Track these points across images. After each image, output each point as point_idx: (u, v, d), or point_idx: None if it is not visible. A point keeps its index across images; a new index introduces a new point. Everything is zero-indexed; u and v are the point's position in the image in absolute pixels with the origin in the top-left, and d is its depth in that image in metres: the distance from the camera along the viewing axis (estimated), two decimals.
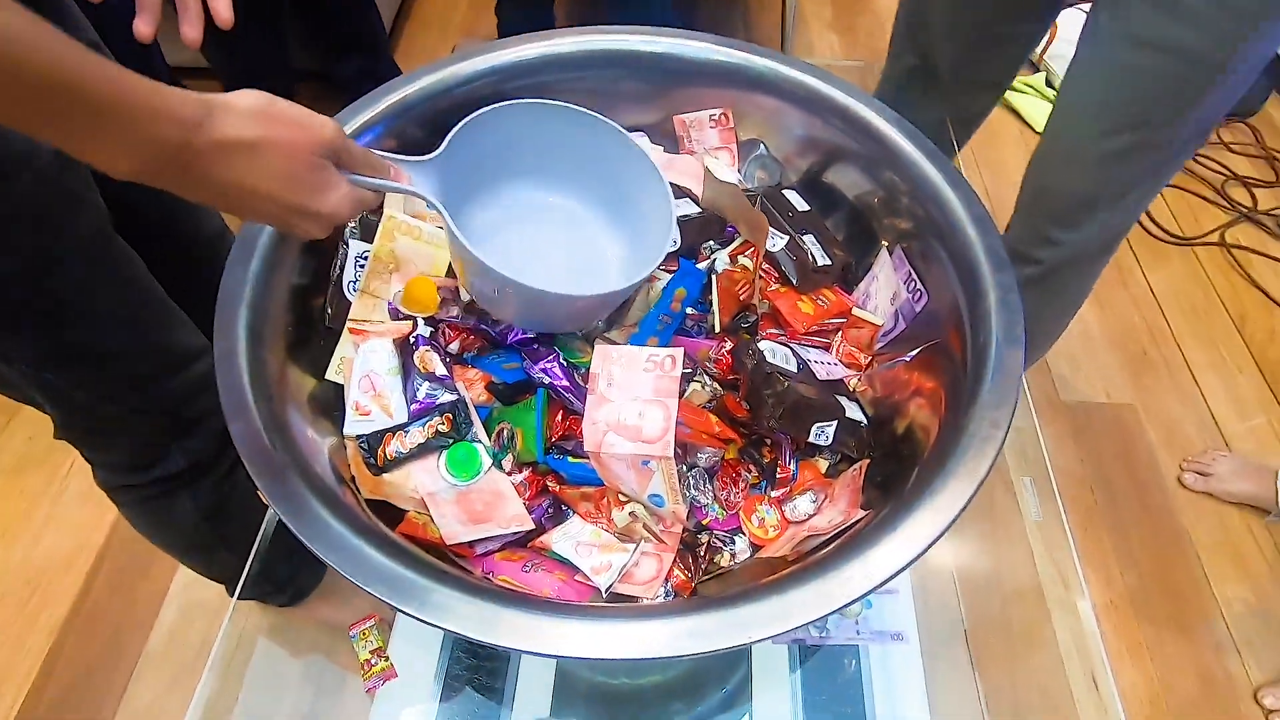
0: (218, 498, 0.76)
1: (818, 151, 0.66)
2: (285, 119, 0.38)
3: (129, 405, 0.64)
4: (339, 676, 0.86)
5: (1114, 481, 1.24)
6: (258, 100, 0.38)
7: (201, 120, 0.35)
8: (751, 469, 0.55)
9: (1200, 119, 0.74)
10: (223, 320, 0.47)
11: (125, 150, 0.34)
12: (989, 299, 0.49)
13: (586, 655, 0.36)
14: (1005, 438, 0.42)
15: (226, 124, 0.36)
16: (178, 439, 0.70)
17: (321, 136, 0.40)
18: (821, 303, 0.60)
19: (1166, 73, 0.70)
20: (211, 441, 0.72)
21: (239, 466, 0.77)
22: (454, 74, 0.63)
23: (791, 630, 0.36)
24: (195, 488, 0.74)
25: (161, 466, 0.70)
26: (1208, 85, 0.71)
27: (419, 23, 2.02)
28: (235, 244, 0.51)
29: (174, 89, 0.35)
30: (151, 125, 0.34)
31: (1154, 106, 0.74)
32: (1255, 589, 1.13)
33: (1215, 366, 1.37)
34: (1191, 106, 0.73)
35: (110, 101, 0.32)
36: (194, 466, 0.72)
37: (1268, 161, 1.67)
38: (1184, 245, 1.55)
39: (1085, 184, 0.82)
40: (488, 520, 0.48)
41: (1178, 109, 0.73)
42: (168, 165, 0.35)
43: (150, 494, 0.72)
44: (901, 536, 0.39)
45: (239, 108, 0.37)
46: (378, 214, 0.59)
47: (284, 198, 0.39)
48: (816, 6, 2.08)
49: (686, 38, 0.65)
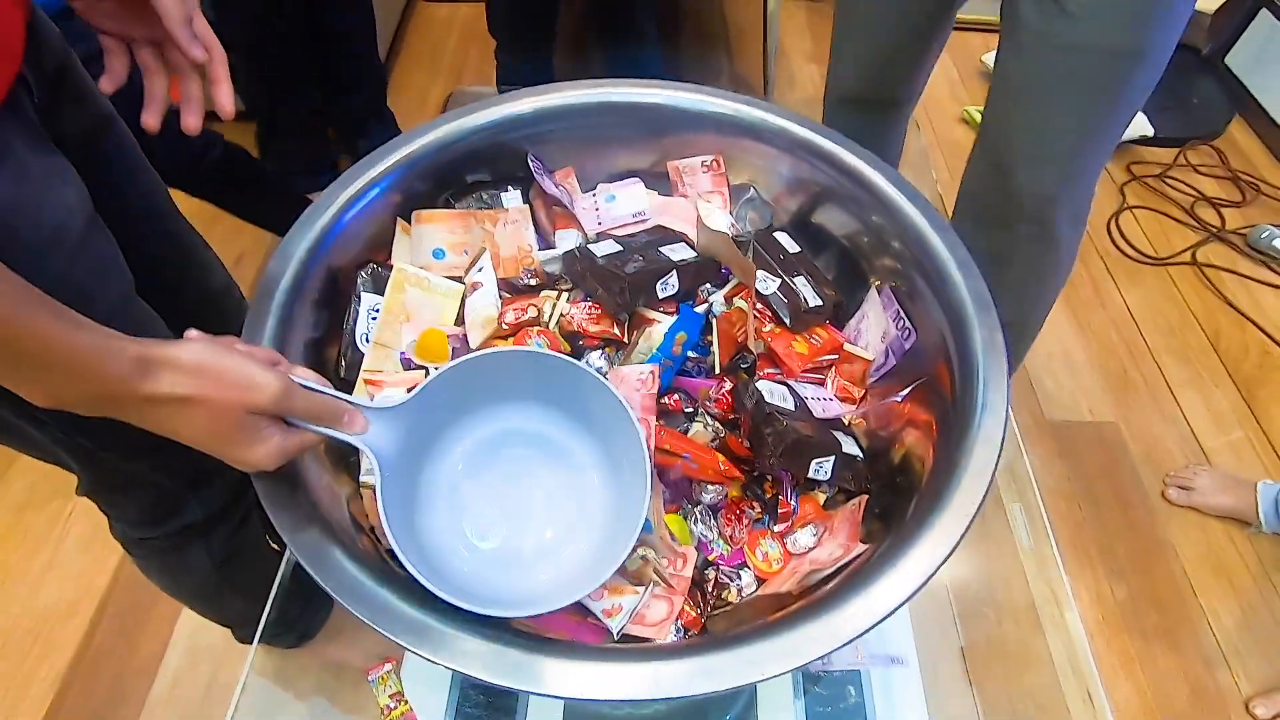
0: (231, 546, 0.77)
1: (806, 194, 0.69)
2: (225, 379, 0.38)
3: (152, 462, 0.66)
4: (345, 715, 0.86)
5: (1100, 498, 1.27)
6: (202, 356, 0.38)
7: (139, 376, 0.37)
8: (755, 505, 0.57)
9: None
10: None
11: (57, 395, 0.37)
12: (975, 339, 0.52)
13: (603, 697, 0.38)
14: (995, 472, 0.45)
15: (162, 380, 0.37)
16: (195, 491, 0.71)
17: (256, 401, 0.39)
18: (815, 341, 0.63)
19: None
20: (227, 492, 0.74)
21: (251, 514, 0.79)
22: (455, 129, 0.65)
23: (801, 666, 0.38)
24: (209, 537, 0.75)
25: (179, 518, 0.71)
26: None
27: (410, 60, 2.06)
28: (252, 304, 0.53)
29: (120, 339, 0.36)
30: (88, 379, 0.36)
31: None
32: (1241, 600, 1.16)
33: (1193, 383, 1.42)
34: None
35: (55, 356, 0.35)
36: (209, 517, 0.73)
37: (1233, 182, 1.74)
38: (1158, 265, 1.61)
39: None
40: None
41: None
42: (98, 408, 0.37)
43: (166, 545, 0.73)
44: (901, 571, 0.41)
45: (180, 363, 0.37)
46: (387, 268, 0.61)
47: (207, 447, 0.40)
48: (796, 40, 2.14)
49: (678, 89, 0.68)
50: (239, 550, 0.78)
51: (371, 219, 0.62)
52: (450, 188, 0.67)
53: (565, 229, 0.70)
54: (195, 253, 0.77)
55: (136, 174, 0.67)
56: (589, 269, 0.62)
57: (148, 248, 0.67)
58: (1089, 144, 0.82)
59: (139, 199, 0.68)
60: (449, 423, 0.52)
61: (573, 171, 0.72)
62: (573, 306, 0.64)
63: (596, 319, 0.63)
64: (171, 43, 0.52)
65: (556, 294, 0.65)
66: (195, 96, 0.54)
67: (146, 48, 0.54)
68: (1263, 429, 1.34)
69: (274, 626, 0.88)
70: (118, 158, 0.65)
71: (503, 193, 0.67)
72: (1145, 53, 0.73)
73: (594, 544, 0.50)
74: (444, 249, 0.65)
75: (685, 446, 0.55)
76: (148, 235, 0.68)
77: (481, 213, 0.65)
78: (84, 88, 0.59)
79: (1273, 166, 1.78)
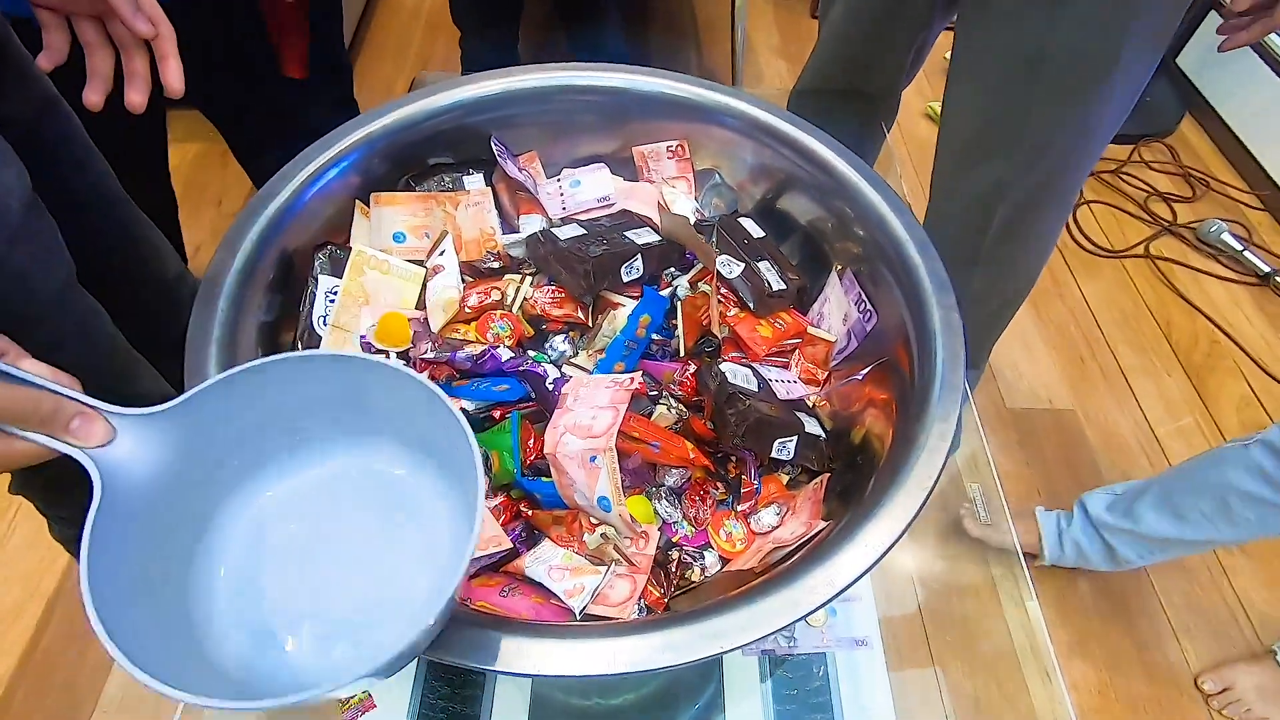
0: None
1: (770, 180, 0.69)
2: None
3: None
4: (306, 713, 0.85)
5: (1057, 484, 1.30)
6: None
7: None
8: (718, 486, 0.57)
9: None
10: (193, 362, 0.48)
11: None
12: (933, 319, 0.52)
13: (563, 673, 0.37)
14: (951, 448, 0.46)
15: None
16: None
17: None
18: (779, 325, 0.63)
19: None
20: None
21: None
22: (419, 110, 0.64)
23: (762, 638, 0.38)
24: None
25: None
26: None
27: (374, 51, 2.03)
28: (201, 285, 0.51)
29: None
30: None
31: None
32: (1190, 579, 1.20)
33: (1146, 370, 1.46)
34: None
35: None
36: None
37: (1184, 178, 1.79)
38: (1113, 258, 1.65)
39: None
40: None
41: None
42: None
43: None
44: (860, 544, 0.41)
45: None
46: (345, 249, 0.60)
47: None
48: (764, 35, 2.16)
49: (642, 74, 0.68)
50: None
51: (329, 201, 0.61)
52: (411, 170, 0.66)
53: (529, 214, 0.69)
54: (147, 241, 0.75)
55: (84, 160, 0.65)
56: (552, 252, 0.62)
57: (96, 235, 0.64)
58: (1061, 134, 0.80)
59: (86, 186, 0.65)
60: (240, 464, 0.39)
61: (537, 156, 0.72)
62: (536, 290, 0.63)
63: (560, 303, 0.62)
64: (115, 16, 0.50)
65: (520, 277, 0.64)
66: (141, 73, 0.52)
67: (88, 22, 0.52)
68: (1211, 415, 1.39)
69: None
70: (63, 143, 0.62)
71: (465, 176, 0.66)
72: (1120, 42, 0.70)
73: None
74: (404, 232, 0.64)
75: (654, 434, 0.55)
76: (96, 223, 0.66)
77: (443, 195, 0.64)
78: (24, 67, 0.57)
79: (1221, 163, 1.84)
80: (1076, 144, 0.80)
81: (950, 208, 0.90)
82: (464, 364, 0.55)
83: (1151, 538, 1.01)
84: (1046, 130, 0.78)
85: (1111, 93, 0.75)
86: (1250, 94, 1.76)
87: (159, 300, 0.75)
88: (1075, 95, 0.75)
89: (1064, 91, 0.75)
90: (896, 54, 0.95)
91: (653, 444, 0.54)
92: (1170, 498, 0.98)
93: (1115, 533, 1.04)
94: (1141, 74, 0.76)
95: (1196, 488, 0.96)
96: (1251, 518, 0.92)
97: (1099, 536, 1.06)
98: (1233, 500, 0.92)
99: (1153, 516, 0.99)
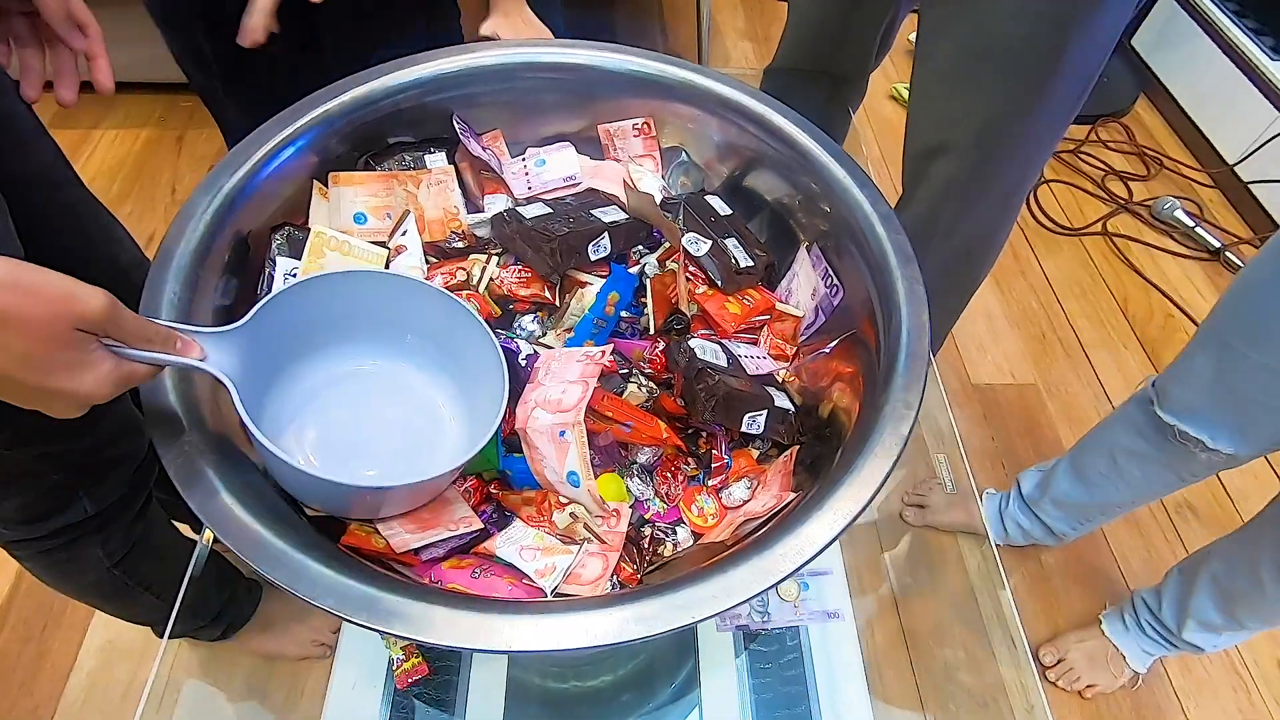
0: (129, 542, 0.72)
1: (737, 157, 0.69)
2: (44, 293, 0.33)
3: (36, 451, 0.59)
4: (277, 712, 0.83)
5: (1020, 456, 1.33)
6: (15, 270, 0.33)
7: None
8: (690, 461, 0.57)
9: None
10: None
11: None
12: (898, 291, 0.53)
13: (535, 649, 0.37)
14: (917, 416, 0.46)
15: None
16: (85, 487, 0.65)
17: (79, 312, 0.34)
18: (747, 302, 0.63)
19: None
20: (121, 486, 0.68)
21: (149, 506, 0.74)
22: (377, 87, 0.63)
23: (732, 607, 0.38)
24: (104, 534, 0.69)
25: (63, 516, 0.64)
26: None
27: None
28: (151, 268, 0.50)
29: None
30: None
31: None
32: (1147, 543, 1.24)
33: (1105, 344, 1.50)
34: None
35: None
36: (101, 514, 0.67)
37: (1139, 157, 1.84)
38: (1072, 235, 1.69)
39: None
40: (436, 525, 0.49)
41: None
42: None
43: (51, 545, 0.66)
44: (828, 513, 0.42)
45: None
46: (304, 230, 0.58)
47: (25, 378, 0.34)
48: (730, 16, 2.15)
49: (607, 50, 0.67)
50: (141, 543, 0.73)
51: (285, 181, 0.59)
52: (371, 149, 0.64)
53: (494, 194, 0.68)
54: (99, 226, 0.72)
55: (30, 141, 0.62)
56: (518, 232, 0.61)
57: (45, 219, 0.62)
58: (1015, 122, 0.80)
59: (34, 168, 0.63)
60: (295, 354, 0.51)
61: (501, 135, 0.70)
62: (503, 270, 0.62)
63: (527, 282, 0.62)
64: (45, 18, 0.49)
65: (486, 257, 0.63)
66: (69, 71, 0.52)
67: (19, 17, 0.51)
68: None
69: (195, 619, 0.84)
70: (8, 125, 0.60)
71: (427, 154, 0.65)
72: (1069, 32, 0.71)
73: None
74: (365, 213, 0.62)
75: (628, 414, 0.54)
76: (44, 206, 0.63)
77: (404, 174, 0.63)
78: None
79: (1174, 142, 1.89)
80: (1029, 131, 0.82)
81: (913, 191, 0.91)
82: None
83: (1067, 504, 1.04)
84: (1003, 117, 0.80)
85: (1063, 82, 0.77)
86: (1201, 74, 1.81)
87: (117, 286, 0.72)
88: (1027, 84, 0.76)
89: (1016, 80, 0.76)
90: (863, 37, 0.95)
91: (626, 424, 0.54)
92: (1075, 463, 1.02)
93: (1043, 507, 1.08)
94: (1094, 64, 0.77)
95: (1094, 449, 0.99)
96: (1138, 474, 0.94)
97: (1033, 514, 1.09)
98: (1119, 457, 0.95)
99: (1065, 484, 1.03)
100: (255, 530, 0.41)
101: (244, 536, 0.40)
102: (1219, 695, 1.10)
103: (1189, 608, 0.93)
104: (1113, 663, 1.06)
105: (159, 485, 0.73)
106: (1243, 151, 1.69)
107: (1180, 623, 0.96)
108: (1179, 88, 1.88)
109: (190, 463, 0.42)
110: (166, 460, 0.43)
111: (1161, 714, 1.08)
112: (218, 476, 0.42)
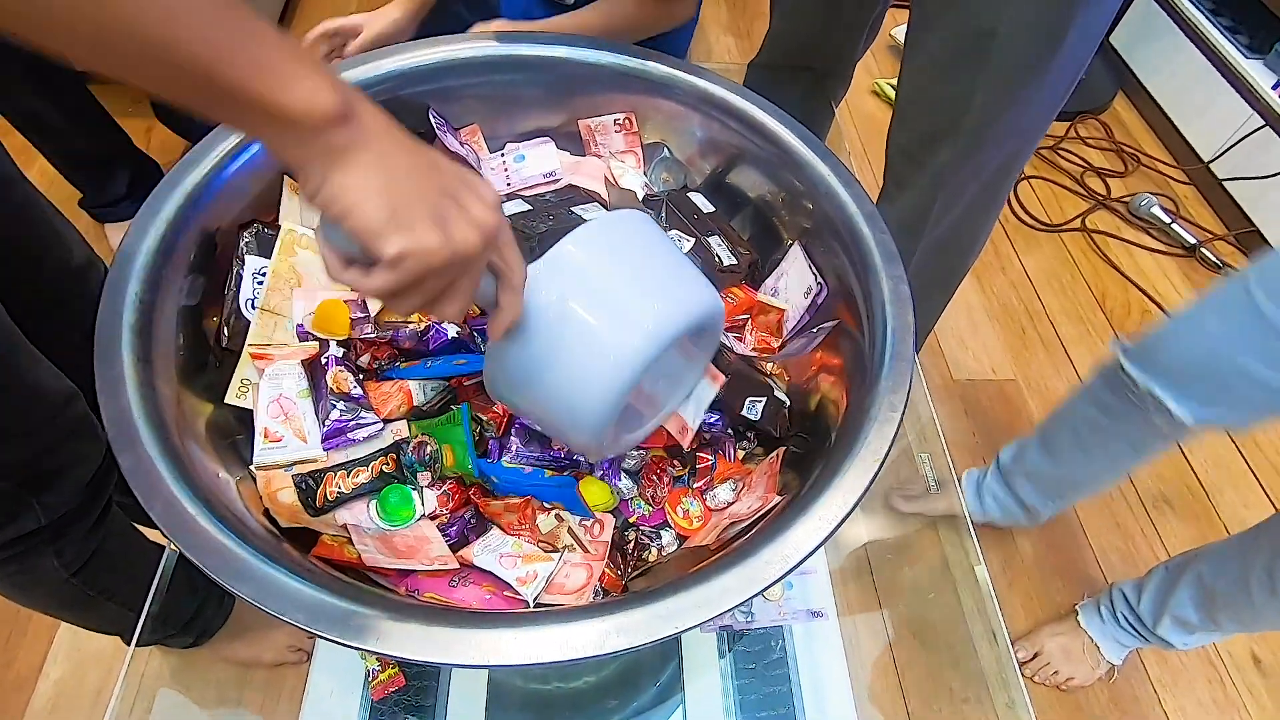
0: (87, 551, 0.69)
1: (719, 154, 0.68)
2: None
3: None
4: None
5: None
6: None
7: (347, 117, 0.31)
8: (675, 463, 0.56)
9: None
10: (104, 347, 0.44)
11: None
12: (883, 291, 0.52)
13: (514, 663, 0.36)
14: (902, 418, 0.46)
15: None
16: (36, 495, 0.62)
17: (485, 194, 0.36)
18: (731, 300, 0.62)
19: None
20: (75, 494, 0.65)
21: (109, 513, 0.71)
22: (352, 78, 0.61)
23: (716, 617, 0.37)
24: (59, 544, 0.66)
25: (13, 527, 0.61)
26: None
27: (305, 22, 1.93)
28: (113, 266, 0.48)
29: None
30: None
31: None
32: (1124, 536, 1.25)
33: (1083, 339, 1.51)
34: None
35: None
36: (55, 523, 0.64)
37: (1117, 154, 1.85)
38: (1052, 231, 1.70)
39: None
40: (411, 558, 0.47)
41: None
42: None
43: (4, 557, 0.63)
44: (813, 518, 0.41)
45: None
46: (274, 228, 0.57)
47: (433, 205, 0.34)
48: (713, 10, 2.13)
49: (587, 45, 0.66)
50: (101, 552, 0.70)
51: (254, 176, 0.57)
52: None
53: None
54: (49, 226, 0.69)
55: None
56: None
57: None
58: (1009, 111, 0.79)
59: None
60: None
61: (479, 129, 0.69)
62: None
63: None
64: None
65: None
66: None
67: None
68: None
69: (165, 626, 0.81)
70: None
71: None
72: (1073, 17, 0.71)
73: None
74: None
75: None
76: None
77: None
78: None
79: (1151, 139, 1.91)
80: (1022, 122, 0.81)
81: (901, 184, 0.91)
82: (406, 341, 0.53)
83: (1037, 475, 1.05)
84: (994, 108, 0.79)
85: (1059, 70, 0.76)
86: (1176, 71, 1.82)
87: (69, 288, 0.69)
88: (1023, 72, 0.76)
89: (1012, 69, 0.76)
90: (847, 30, 0.94)
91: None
92: (1044, 433, 1.02)
93: (1016, 479, 1.08)
94: (1086, 51, 0.77)
95: (1058, 419, 0.99)
96: (1095, 444, 0.94)
97: (1008, 486, 1.10)
98: (1080, 428, 0.95)
99: (1035, 455, 1.03)
100: (219, 542, 0.39)
101: (208, 549, 0.39)
102: (1195, 686, 1.11)
103: (1168, 604, 0.94)
104: (1088, 654, 1.07)
105: (121, 489, 0.71)
106: (1218, 149, 1.71)
107: (1157, 618, 0.97)
108: (1156, 85, 1.89)
109: (150, 470, 0.41)
110: (125, 467, 0.41)
111: (1139, 705, 1.09)
112: (180, 485, 0.40)
